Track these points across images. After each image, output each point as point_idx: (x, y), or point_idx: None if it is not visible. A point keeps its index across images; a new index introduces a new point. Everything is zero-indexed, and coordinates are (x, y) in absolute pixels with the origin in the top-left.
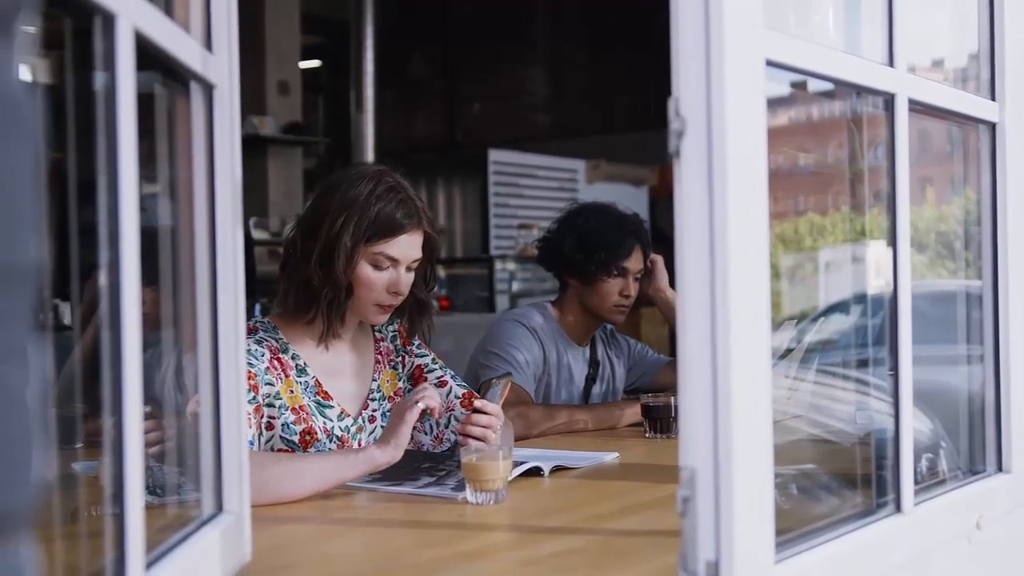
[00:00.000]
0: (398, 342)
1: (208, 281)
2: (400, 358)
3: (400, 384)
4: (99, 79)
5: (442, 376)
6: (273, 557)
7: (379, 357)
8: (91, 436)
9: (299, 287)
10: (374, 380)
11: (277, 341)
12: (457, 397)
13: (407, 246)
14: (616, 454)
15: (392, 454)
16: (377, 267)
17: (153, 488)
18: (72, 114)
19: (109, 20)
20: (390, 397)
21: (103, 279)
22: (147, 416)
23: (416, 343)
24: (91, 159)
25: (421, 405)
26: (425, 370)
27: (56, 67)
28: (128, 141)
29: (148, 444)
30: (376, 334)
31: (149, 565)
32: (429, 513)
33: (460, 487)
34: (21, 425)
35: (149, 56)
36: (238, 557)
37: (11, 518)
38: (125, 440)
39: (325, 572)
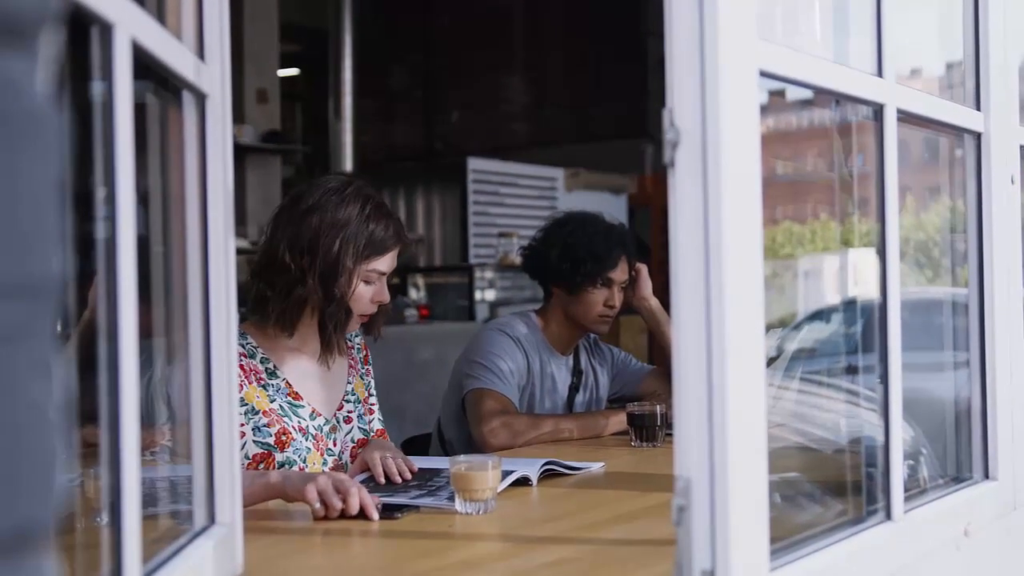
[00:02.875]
0: (361, 355)
1: (200, 290)
2: (364, 370)
3: (366, 392)
4: (95, 88)
5: (374, 404)
6: (264, 569)
7: (352, 363)
8: (79, 448)
9: (296, 305)
10: (348, 383)
11: (244, 346)
12: (373, 431)
13: (392, 259)
14: (602, 464)
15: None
16: (367, 282)
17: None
18: (66, 123)
19: (107, 30)
20: (364, 401)
21: (100, 289)
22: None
23: (370, 363)
24: (85, 168)
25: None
26: (369, 391)
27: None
28: (125, 150)
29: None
30: (346, 340)
31: None
32: (419, 524)
33: (453, 498)
34: (46, 440)
35: (142, 65)
36: (230, 569)
37: (35, 532)
38: (122, 452)
39: None
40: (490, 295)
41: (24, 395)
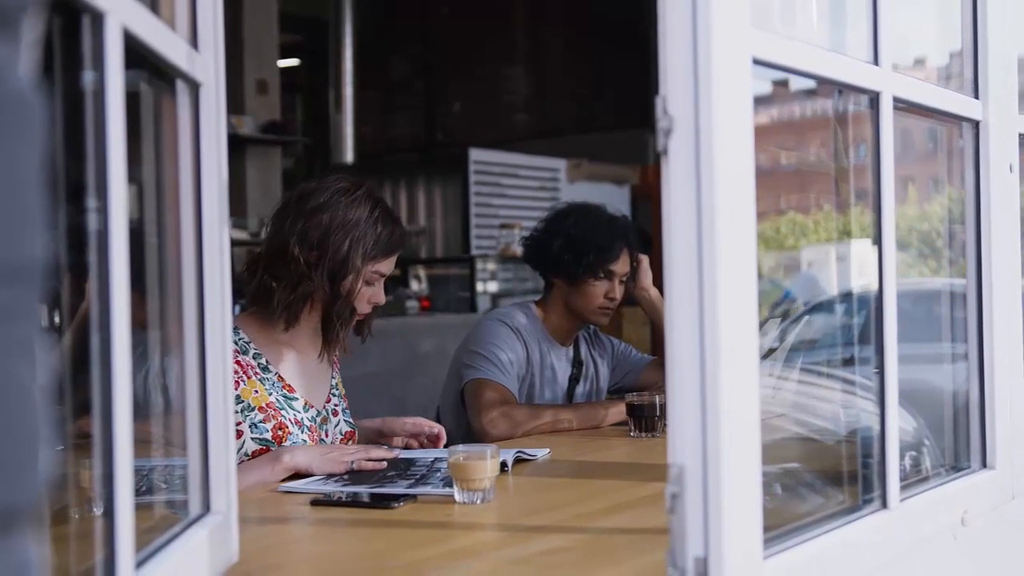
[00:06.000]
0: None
1: (195, 281)
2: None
3: (343, 389)
4: (86, 77)
5: (341, 405)
6: (260, 558)
7: (335, 360)
8: (75, 438)
9: (302, 299)
10: (333, 378)
11: (236, 342)
12: (341, 434)
13: (393, 263)
14: (547, 450)
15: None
16: (369, 283)
17: (138, 488)
18: (57, 112)
19: (98, 19)
20: (344, 396)
21: (92, 281)
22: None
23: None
24: (77, 158)
25: (354, 466)
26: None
27: (41, 64)
28: (117, 140)
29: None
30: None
31: (138, 565)
32: (416, 513)
33: (448, 483)
34: (29, 421)
35: (135, 54)
36: (225, 557)
37: (19, 514)
38: (115, 442)
39: (312, 572)
40: (492, 287)
41: (8, 376)
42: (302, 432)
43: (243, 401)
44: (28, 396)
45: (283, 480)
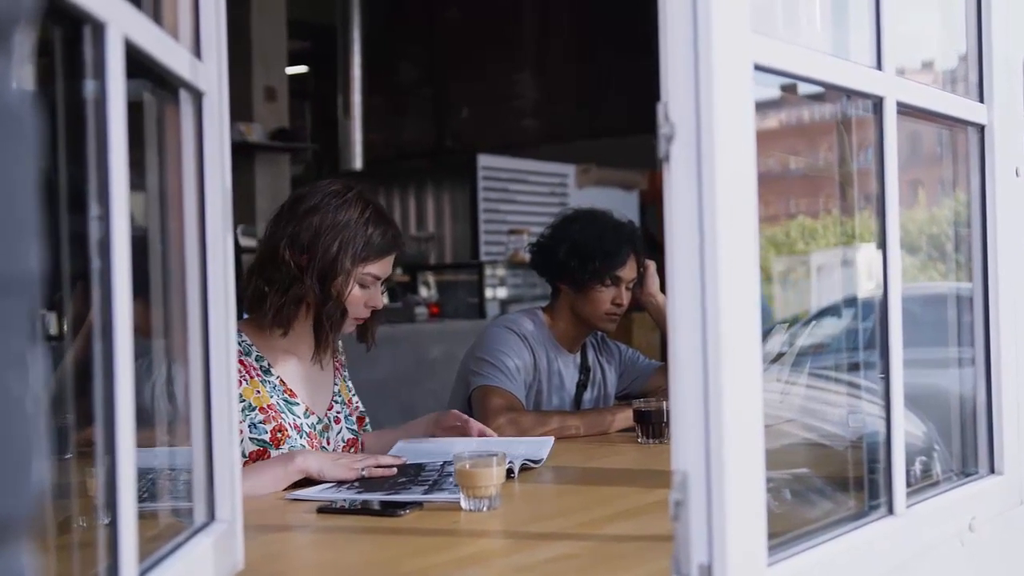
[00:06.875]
0: (343, 359)
1: (199, 290)
2: (346, 372)
3: (350, 395)
4: (88, 87)
5: (359, 404)
6: (265, 566)
7: (337, 366)
8: (81, 447)
9: (293, 302)
10: (335, 385)
11: (239, 344)
12: (343, 441)
13: (387, 265)
14: (551, 440)
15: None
16: (362, 286)
17: (143, 496)
18: (60, 122)
19: (99, 28)
20: (348, 403)
21: (94, 289)
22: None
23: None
24: (79, 167)
25: (364, 472)
26: (352, 392)
27: (44, 74)
28: (119, 149)
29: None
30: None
31: (142, 574)
32: (423, 520)
33: (458, 490)
34: (22, 432)
35: (137, 64)
36: (230, 566)
37: (12, 525)
38: (118, 450)
39: None
40: (501, 292)
41: (1, 388)
42: (301, 437)
43: (244, 400)
44: (20, 408)
45: (293, 485)
